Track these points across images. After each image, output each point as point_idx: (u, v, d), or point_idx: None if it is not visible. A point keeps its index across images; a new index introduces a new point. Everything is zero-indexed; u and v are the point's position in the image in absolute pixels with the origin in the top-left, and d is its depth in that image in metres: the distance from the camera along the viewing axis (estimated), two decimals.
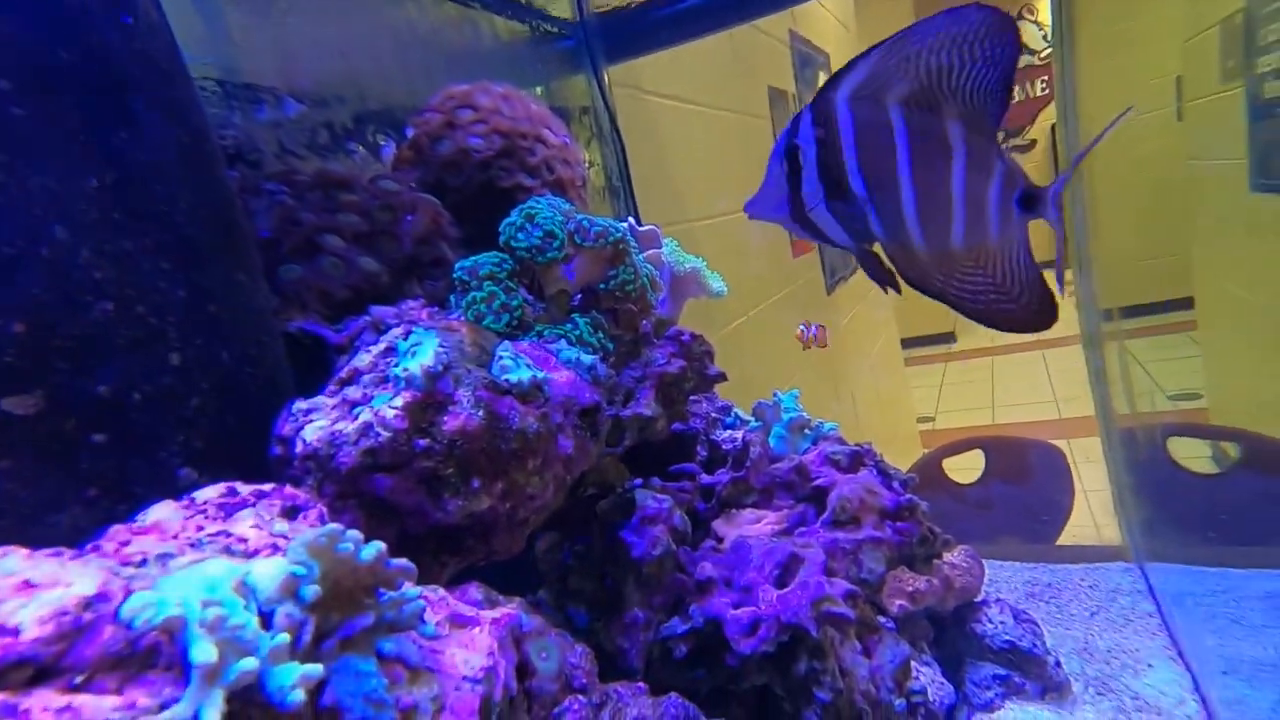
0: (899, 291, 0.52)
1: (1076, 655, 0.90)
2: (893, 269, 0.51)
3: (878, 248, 0.51)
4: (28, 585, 0.20)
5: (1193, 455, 1.54)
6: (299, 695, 0.24)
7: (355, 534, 0.28)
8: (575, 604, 0.65)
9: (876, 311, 3.35)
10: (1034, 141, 7.01)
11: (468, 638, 0.34)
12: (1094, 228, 1.16)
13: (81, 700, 0.19)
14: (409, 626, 0.30)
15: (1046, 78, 6.72)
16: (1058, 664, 0.86)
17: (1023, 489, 1.58)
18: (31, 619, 0.20)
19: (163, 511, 0.28)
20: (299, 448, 0.41)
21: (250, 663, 0.22)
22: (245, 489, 0.33)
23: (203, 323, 0.36)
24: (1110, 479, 1.21)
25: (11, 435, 0.28)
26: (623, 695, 0.47)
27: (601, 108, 1.29)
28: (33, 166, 0.28)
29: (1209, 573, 1.01)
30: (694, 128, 1.72)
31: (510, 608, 0.42)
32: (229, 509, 0.31)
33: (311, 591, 0.26)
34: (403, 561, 0.31)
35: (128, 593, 0.22)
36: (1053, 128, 6.74)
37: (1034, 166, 6.95)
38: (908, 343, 4.37)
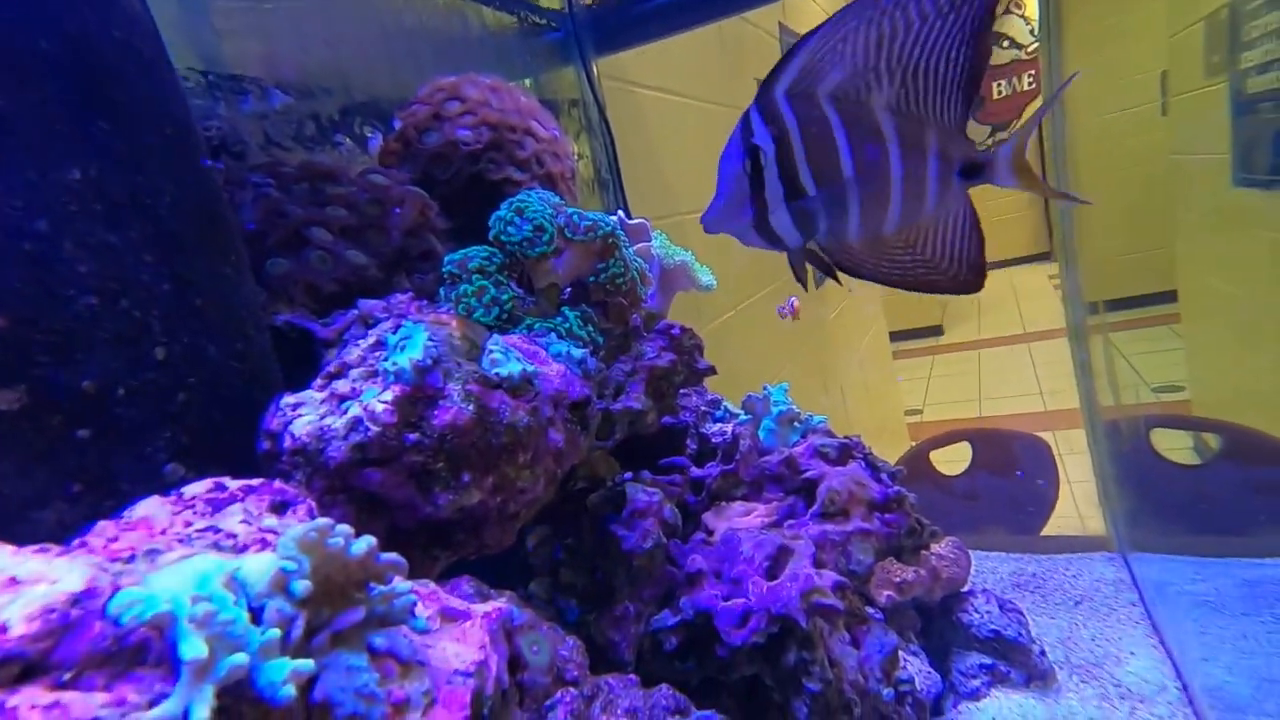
0: (838, 280, 0.52)
1: (1061, 644, 0.92)
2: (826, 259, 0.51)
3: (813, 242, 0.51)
4: (14, 582, 0.20)
5: (1175, 447, 1.57)
6: (290, 691, 0.24)
7: (345, 529, 0.28)
8: (566, 597, 0.65)
9: (864, 305, 3.37)
10: None
11: (459, 632, 0.34)
12: (1080, 222, 1.18)
13: (70, 697, 0.19)
14: (400, 621, 0.30)
15: (1034, 72, 6.76)
16: (1042, 652, 0.87)
17: (1008, 480, 1.60)
18: (19, 616, 0.19)
19: (150, 507, 0.28)
20: (287, 442, 0.40)
21: (241, 658, 0.22)
22: (233, 484, 0.33)
23: (188, 316, 0.36)
24: (1094, 470, 1.23)
25: None
26: (614, 687, 0.47)
27: (590, 100, 1.28)
28: (13, 158, 0.28)
29: (1190, 562, 1.03)
30: (682, 121, 1.72)
31: (501, 602, 0.42)
32: (217, 504, 0.31)
33: (302, 587, 0.26)
34: (393, 556, 0.31)
35: (116, 589, 0.22)
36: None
37: None
38: (895, 336, 4.40)
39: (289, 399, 0.43)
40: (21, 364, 0.28)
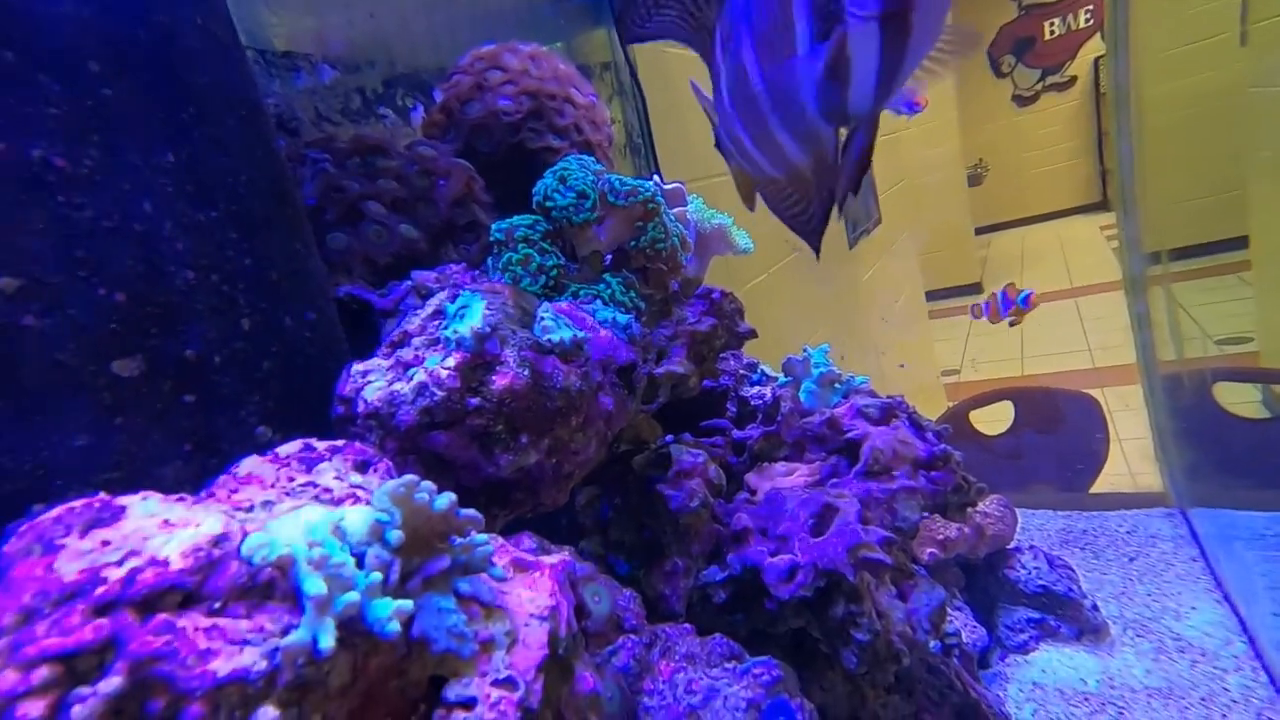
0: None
1: (1114, 599, 0.92)
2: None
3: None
4: (167, 524, 0.23)
5: (1242, 400, 1.50)
6: (395, 626, 0.26)
7: (429, 485, 0.30)
8: (615, 554, 0.68)
9: (900, 264, 3.28)
10: (1074, 79, 6.59)
11: (530, 580, 0.37)
12: (1142, 167, 1.12)
13: (224, 622, 0.21)
14: (480, 569, 0.33)
15: (1092, 7, 6.25)
16: (1094, 607, 0.87)
17: (1055, 438, 1.57)
18: (175, 552, 0.22)
19: (254, 465, 0.31)
20: (361, 407, 0.43)
21: (354, 596, 0.25)
22: (321, 445, 0.35)
23: (267, 290, 0.38)
24: (1151, 425, 1.20)
25: (123, 395, 0.30)
26: (671, 635, 0.50)
27: (623, 62, 1.26)
28: (122, 144, 0.30)
29: (1258, 517, 1.00)
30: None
31: (564, 554, 0.44)
32: (309, 462, 0.34)
33: (396, 536, 0.28)
34: (471, 511, 0.33)
35: (245, 533, 0.24)
36: (1097, 62, 6.31)
37: (1075, 106, 6.56)
38: (933, 294, 4.27)
39: (358, 366, 0.45)
40: (138, 335, 0.31)
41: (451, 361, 0.44)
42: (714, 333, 0.74)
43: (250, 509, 0.27)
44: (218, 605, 0.22)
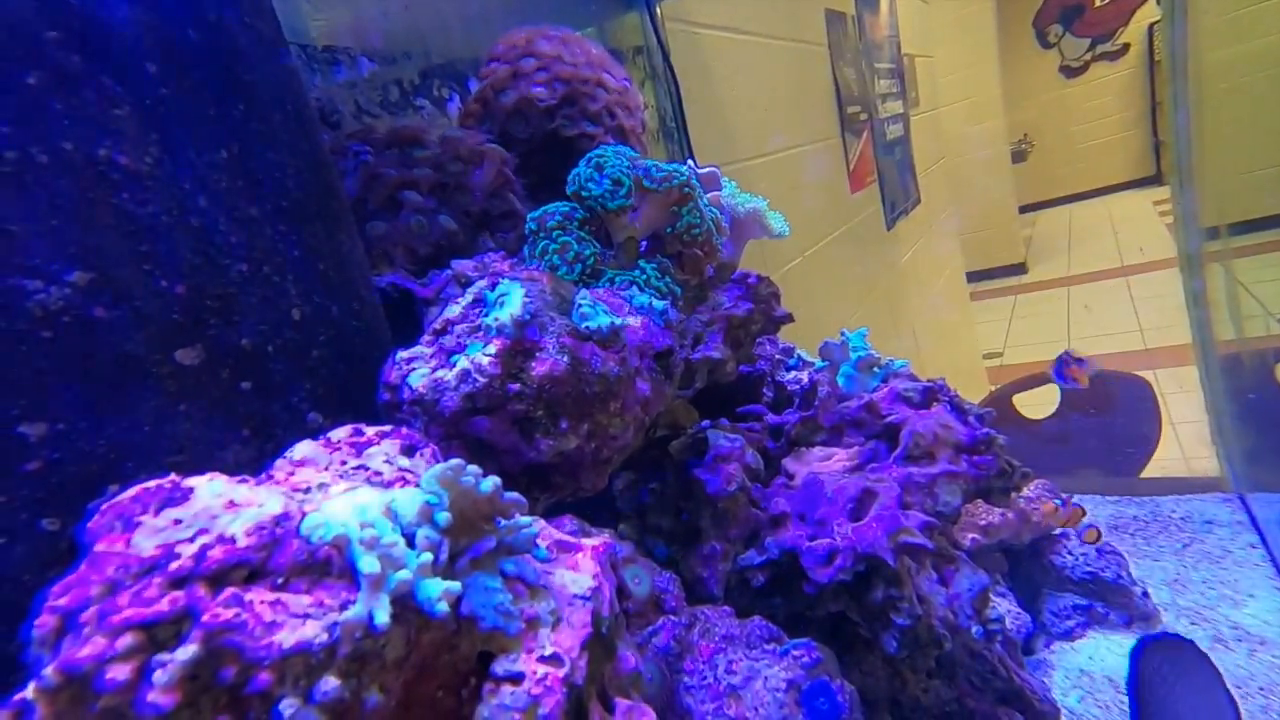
0: None
1: (1167, 586, 0.89)
2: None
3: None
4: (233, 504, 0.24)
5: None
6: (445, 606, 0.27)
7: (475, 468, 0.31)
8: (654, 538, 0.69)
9: (940, 244, 3.19)
10: (1127, 45, 6.23)
11: (573, 561, 0.37)
12: (1199, 135, 1.06)
13: (287, 597, 0.23)
14: (525, 550, 0.33)
15: None
16: (1145, 594, 0.84)
17: (1104, 422, 1.51)
18: (241, 530, 0.23)
19: (308, 449, 0.32)
20: (406, 394, 0.44)
21: (406, 574, 0.25)
22: (370, 430, 0.36)
23: (315, 280, 0.40)
24: (1208, 408, 1.14)
25: (186, 383, 0.32)
26: (710, 617, 0.50)
27: (655, 45, 1.24)
28: (179, 142, 0.31)
29: None
30: (747, 60, 1.64)
31: (605, 537, 0.45)
32: (359, 447, 0.35)
33: (444, 517, 0.29)
34: (515, 494, 0.33)
35: (303, 514, 0.25)
36: (1151, 28, 5.95)
37: (1127, 76, 6.22)
38: (974, 276, 4.14)
39: (403, 354, 0.46)
40: (197, 325, 0.32)
41: (493, 348, 0.45)
42: (750, 317, 0.74)
43: (307, 490, 0.28)
44: (280, 581, 0.23)
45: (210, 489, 0.26)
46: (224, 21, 0.34)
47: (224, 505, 0.24)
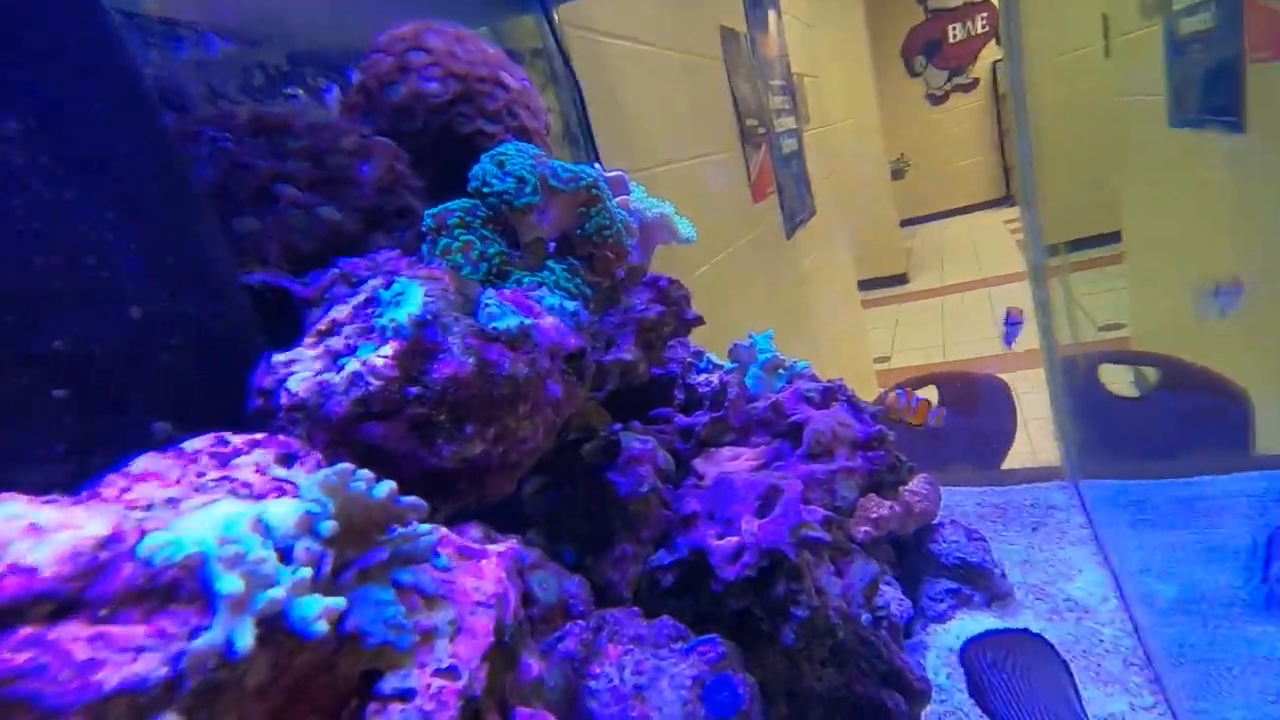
0: None
1: (1018, 566, 0.99)
2: None
3: None
4: (35, 528, 0.20)
5: (1121, 381, 1.66)
6: (323, 626, 0.24)
7: (366, 473, 0.29)
8: (564, 542, 0.67)
9: (835, 254, 3.41)
10: (976, 80, 7.06)
11: (476, 568, 0.35)
12: (1040, 165, 1.20)
13: (114, 630, 0.19)
14: (423, 559, 0.31)
15: (987, 14, 6.73)
16: (1003, 575, 0.93)
17: (973, 419, 1.67)
18: (48, 559, 0.19)
19: (152, 461, 0.28)
20: (284, 399, 0.40)
21: (276, 592, 0.23)
22: (236, 438, 0.32)
23: (161, 276, 0.35)
24: (1051, 405, 1.30)
25: None
26: (618, 619, 0.49)
27: (554, 49, 1.23)
28: None
29: (1130, 485, 1.11)
30: (647, 69, 1.68)
31: (511, 543, 0.43)
32: (223, 457, 0.31)
33: (328, 527, 0.26)
34: (413, 499, 0.31)
35: (142, 533, 0.22)
36: (995, 65, 6.77)
37: (979, 106, 7.01)
38: (863, 285, 4.48)
39: (280, 357, 0.42)
40: None
41: (388, 350, 0.41)
42: (662, 320, 0.74)
43: (149, 507, 0.24)
44: (103, 613, 0.20)
45: (1, 512, 0.22)
46: None
47: (22, 531, 0.20)
